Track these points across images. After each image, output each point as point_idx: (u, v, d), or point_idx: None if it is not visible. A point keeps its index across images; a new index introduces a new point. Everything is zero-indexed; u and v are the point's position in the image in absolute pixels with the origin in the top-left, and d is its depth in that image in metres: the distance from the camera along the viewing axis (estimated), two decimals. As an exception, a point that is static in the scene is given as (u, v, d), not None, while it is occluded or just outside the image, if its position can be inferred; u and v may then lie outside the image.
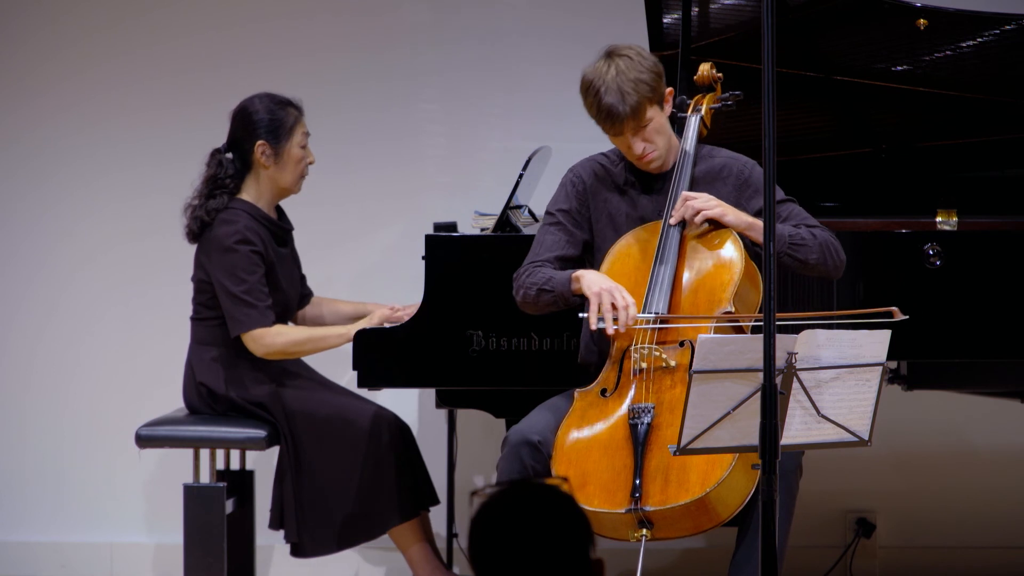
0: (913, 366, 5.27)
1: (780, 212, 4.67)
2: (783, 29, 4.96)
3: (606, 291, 4.48)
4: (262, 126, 5.29)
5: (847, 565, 5.94)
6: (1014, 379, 5.40)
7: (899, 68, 5.35)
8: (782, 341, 3.68)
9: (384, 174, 6.15)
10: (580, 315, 4.53)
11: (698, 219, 4.59)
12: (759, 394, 3.62)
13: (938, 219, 5.33)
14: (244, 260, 5.21)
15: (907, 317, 4.15)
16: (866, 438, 3.86)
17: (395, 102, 6.13)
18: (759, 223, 4.56)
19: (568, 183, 4.83)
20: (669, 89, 4.70)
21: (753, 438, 3.62)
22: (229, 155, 5.33)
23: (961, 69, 5.33)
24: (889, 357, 3.87)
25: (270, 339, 5.22)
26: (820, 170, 5.52)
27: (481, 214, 5.64)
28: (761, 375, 3.61)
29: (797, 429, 3.80)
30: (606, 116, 4.61)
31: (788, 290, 5.01)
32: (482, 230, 5.49)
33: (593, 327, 4.47)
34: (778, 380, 3.65)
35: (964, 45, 5.31)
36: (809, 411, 3.79)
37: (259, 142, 5.29)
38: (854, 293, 5.08)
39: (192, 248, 5.36)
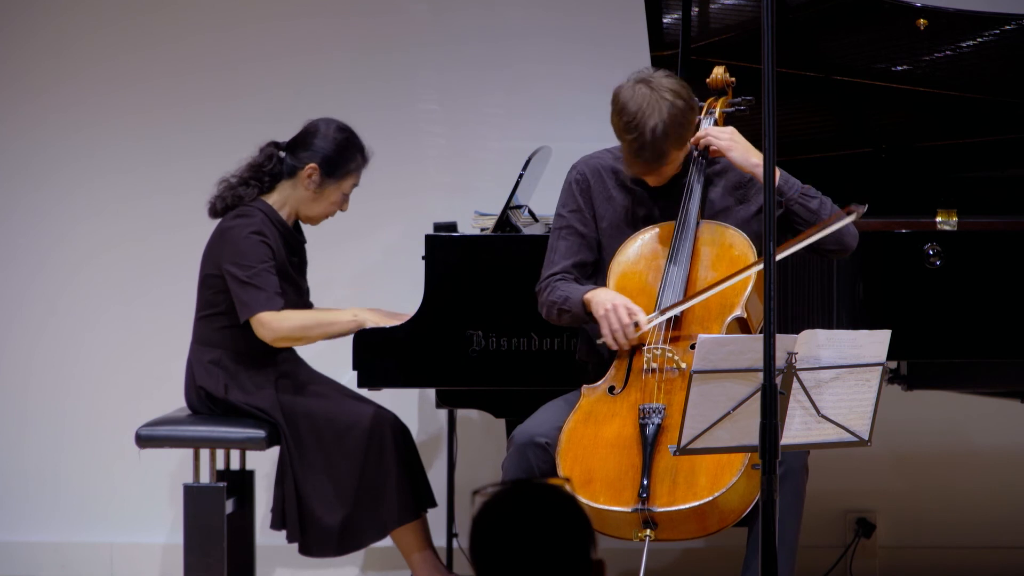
0: (913, 366, 5.27)
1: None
2: (783, 29, 4.95)
3: (611, 311, 4.50)
4: (325, 152, 5.27)
5: (847, 565, 5.94)
6: (1014, 379, 5.40)
7: (899, 68, 5.35)
8: (782, 341, 3.68)
9: (384, 174, 6.14)
10: (598, 341, 4.55)
11: (704, 142, 4.63)
12: (759, 394, 3.62)
13: (938, 219, 5.32)
14: (254, 248, 5.20)
15: (865, 207, 4.17)
16: (866, 438, 3.86)
17: (395, 102, 6.13)
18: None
19: (572, 182, 4.82)
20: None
21: (753, 438, 3.62)
22: (283, 154, 5.32)
23: (961, 69, 5.33)
24: (889, 357, 3.87)
25: (277, 323, 5.19)
26: (820, 170, 5.51)
27: (481, 214, 5.64)
28: (761, 375, 3.61)
29: (797, 429, 3.80)
30: (637, 161, 4.59)
31: (788, 290, 5.01)
32: (482, 230, 5.48)
33: (612, 347, 4.51)
34: (778, 380, 3.65)
35: (964, 45, 5.31)
36: (809, 411, 3.79)
37: (312, 164, 5.27)
38: (854, 293, 5.08)
39: (199, 242, 5.35)
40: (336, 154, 5.28)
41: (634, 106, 4.55)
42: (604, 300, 4.55)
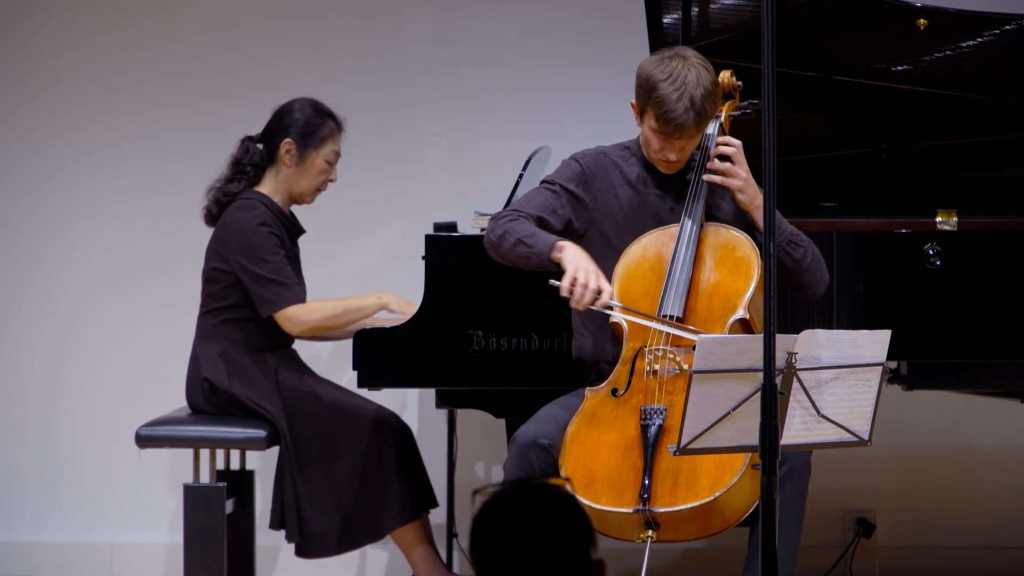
0: (913, 366, 5.27)
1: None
2: (783, 29, 4.95)
3: (582, 270, 4.48)
4: (296, 126, 5.31)
5: (847, 565, 5.94)
6: (1014, 379, 5.40)
7: (899, 68, 5.35)
8: (782, 341, 3.68)
9: (384, 174, 6.15)
10: (551, 281, 4.51)
11: (725, 182, 4.63)
12: (759, 394, 3.62)
13: (938, 219, 5.32)
14: (265, 241, 5.22)
15: None
16: (866, 438, 3.86)
17: (395, 102, 6.13)
18: None
19: (577, 167, 4.79)
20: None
21: (753, 438, 3.62)
22: (259, 145, 5.35)
23: (961, 69, 5.33)
24: (889, 357, 3.87)
25: (306, 315, 5.21)
26: (820, 170, 5.52)
27: (481, 214, 5.64)
28: (761, 375, 3.61)
29: (797, 429, 3.80)
30: (669, 119, 4.57)
31: (789, 294, 5.00)
32: (482, 230, 5.46)
33: (563, 295, 4.47)
34: (778, 380, 3.65)
35: (964, 45, 5.31)
36: (809, 411, 3.79)
37: (286, 139, 5.30)
38: (854, 293, 5.08)
39: (199, 242, 5.35)
40: (306, 124, 5.32)
41: (671, 66, 4.59)
42: (579, 259, 4.52)
